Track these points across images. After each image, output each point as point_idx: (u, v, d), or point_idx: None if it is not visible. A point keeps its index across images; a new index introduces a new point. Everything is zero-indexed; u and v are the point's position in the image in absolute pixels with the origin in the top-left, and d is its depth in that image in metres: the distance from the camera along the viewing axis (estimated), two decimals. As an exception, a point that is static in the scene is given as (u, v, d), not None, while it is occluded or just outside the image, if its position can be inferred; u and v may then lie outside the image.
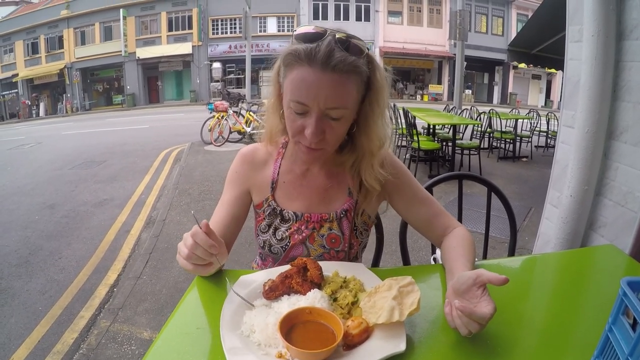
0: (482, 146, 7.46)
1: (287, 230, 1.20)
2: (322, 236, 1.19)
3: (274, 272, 1.00)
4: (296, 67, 0.97)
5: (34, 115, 28.40)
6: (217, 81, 25.52)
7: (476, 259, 1.14)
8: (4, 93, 30.12)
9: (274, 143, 1.24)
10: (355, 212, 1.20)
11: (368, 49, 1.01)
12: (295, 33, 1.01)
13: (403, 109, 7.55)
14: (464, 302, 0.81)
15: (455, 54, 12.23)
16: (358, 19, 27.97)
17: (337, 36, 0.97)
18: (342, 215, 1.19)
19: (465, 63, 11.98)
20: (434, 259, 1.54)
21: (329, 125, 1.01)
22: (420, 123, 7.34)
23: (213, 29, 28.70)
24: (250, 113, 10.14)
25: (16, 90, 30.47)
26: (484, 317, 0.78)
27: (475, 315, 0.78)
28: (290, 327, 0.82)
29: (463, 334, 0.81)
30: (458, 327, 0.81)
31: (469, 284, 0.83)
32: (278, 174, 1.23)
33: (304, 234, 1.19)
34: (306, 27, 1.00)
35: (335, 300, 0.92)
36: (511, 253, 1.68)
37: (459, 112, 9.85)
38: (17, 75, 30.42)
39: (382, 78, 1.06)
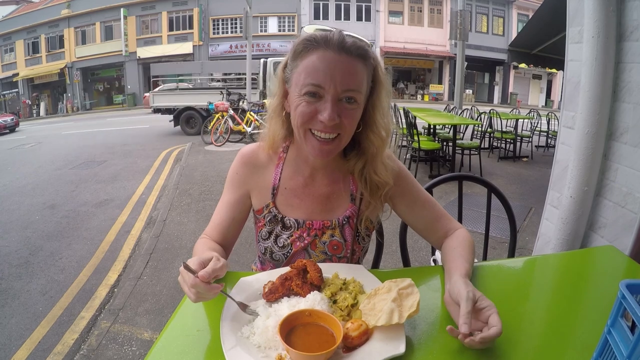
0: (482, 146, 7.45)
1: (288, 237, 1.19)
2: (324, 243, 1.18)
3: (274, 274, 1.01)
4: (311, 52, 1.02)
5: (35, 115, 28.45)
6: (218, 81, 25.49)
7: (476, 260, 1.14)
8: (4, 92, 30.13)
9: (275, 147, 1.23)
10: (358, 219, 1.20)
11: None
12: (304, 29, 1.06)
13: (403, 109, 7.56)
14: (471, 330, 0.82)
15: (455, 54, 12.22)
16: (359, 18, 27.96)
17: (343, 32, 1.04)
18: (344, 222, 1.19)
19: (466, 63, 11.94)
20: (434, 261, 1.54)
21: (344, 108, 1.03)
22: (421, 123, 7.34)
23: (214, 29, 28.70)
24: (251, 113, 10.14)
25: (17, 90, 30.49)
26: (492, 340, 0.80)
27: (484, 343, 0.79)
28: (290, 329, 0.82)
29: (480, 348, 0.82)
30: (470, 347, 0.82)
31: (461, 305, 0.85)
32: (279, 180, 1.21)
33: (305, 241, 1.18)
34: (312, 26, 1.06)
35: (335, 302, 0.93)
36: (511, 254, 1.68)
37: (460, 112, 9.84)
38: (17, 74, 30.45)
39: (383, 74, 1.11)
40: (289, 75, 1.08)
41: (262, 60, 12.48)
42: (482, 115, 8.76)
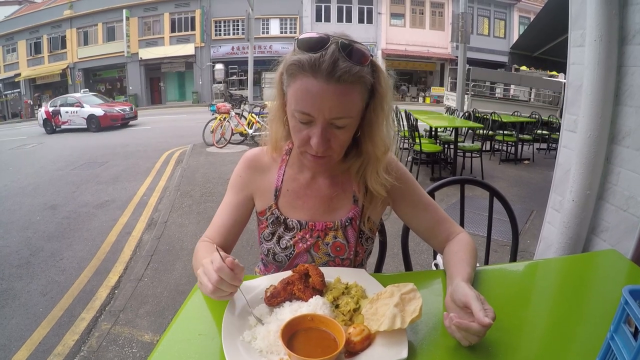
0: (484, 149, 7.44)
1: (291, 239, 1.19)
2: (326, 244, 1.18)
3: (276, 278, 1.00)
4: (300, 78, 0.96)
5: (36, 115, 28.46)
6: (220, 83, 25.58)
7: (478, 264, 1.14)
8: (6, 92, 30.23)
9: (279, 150, 1.22)
10: (361, 220, 1.19)
11: (372, 55, 1.00)
12: (297, 40, 0.99)
13: (405, 112, 7.55)
14: (461, 315, 0.83)
15: (457, 57, 12.22)
16: (360, 21, 27.98)
17: (340, 43, 0.95)
18: (347, 224, 1.18)
19: (468, 65, 11.94)
20: (435, 265, 1.54)
21: (334, 134, 1.01)
22: (422, 125, 7.33)
23: (216, 31, 28.74)
24: (253, 115, 10.14)
25: (18, 90, 30.58)
26: (479, 332, 0.79)
27: (472, 330, 0.79)
28: (292, 334, 0.82)
29: (464, 345, 0.82)
30: (458, 339, 0.82)
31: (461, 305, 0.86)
32: (282, 182, 1.21)
33: (308, 243, 1.18)
34: (309, 33, 0.99)
35: (337, 307, 0.92)
36: (513, 257, 1.68)
37: (461, 114, 9.84)
38: (19, 74, 30.53)
39: (385, 84, 1.05)
40: (285, 89, 1.04)
41: (563, 83, 11.83)
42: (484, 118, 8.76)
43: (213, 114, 10.31)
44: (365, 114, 1.06)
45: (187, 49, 28.45)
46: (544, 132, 9.10)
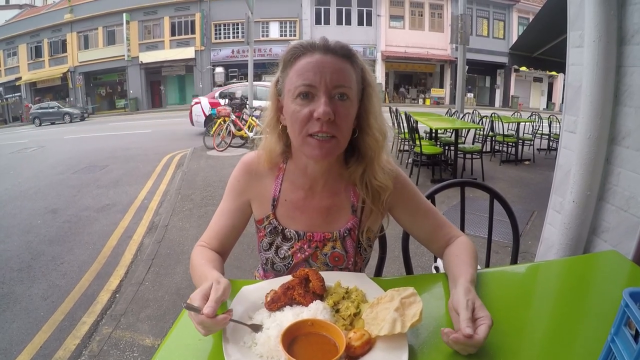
0: (484, 150, 7.43)
1: (289, 249, 1.19)
2: (325, 255, 1.18)
3: (276, 283, 1.00)
4: (299, 58, 1.06)
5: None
6: (220, 86, 25.59)
7: (479, 266, 1.14)
8: (7, 96, 30.33)
9: (274, 163, 1.22)
10: (359, 230, 1.19)
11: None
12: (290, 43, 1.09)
13: (405, 113, 7.56)
14: (457, 329, 0.83)
15: (456, 58, 12.23)
16: (360, 23, 28.06)
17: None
18: (345, 235, 1.18)
19: (467, 66, 11.95)
20: (436, 268, 1.53)
21: (337, 105, 1.03)
22: (423, 127, 7.34)
23: (216, 34, 28.82)
24: (253, 118, 10.15)
25: (19, 94, 30.70)
26: (476, 345, 0.80)
27: (468, 344, 0.80)
28: (293, 339, 0.82)
29: (463, 354, 0.82)
30: (457, 350, 0.82)
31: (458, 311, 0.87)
32: (280, 192, 1.20)
33: (306, 253, 1.18)
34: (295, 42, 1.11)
35: (337, 311, 0.92)
36: (514, 259, 1.68)
37: (461, 115, 9.84)
38: (20, 78, 30.66)
39: (372, 77, 1.13)
40: (281, 87, 1.10)
41: None
42: (484, 119, 8.77)
43: (213, 118, 10.31)
44: (361, 102, 1.11)
45: (187, 53, 28.54)
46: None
